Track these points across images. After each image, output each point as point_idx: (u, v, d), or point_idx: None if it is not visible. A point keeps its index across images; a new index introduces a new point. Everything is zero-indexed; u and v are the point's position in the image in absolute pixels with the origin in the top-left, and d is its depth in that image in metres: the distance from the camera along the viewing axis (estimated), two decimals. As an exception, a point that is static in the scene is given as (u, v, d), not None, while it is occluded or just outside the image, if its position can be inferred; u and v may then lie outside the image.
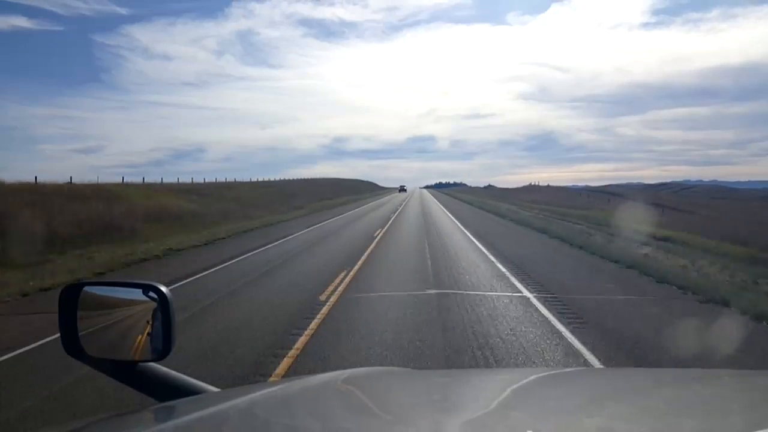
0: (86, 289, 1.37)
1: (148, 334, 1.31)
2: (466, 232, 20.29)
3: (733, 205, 56.40)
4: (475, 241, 17.00)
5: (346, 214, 33.35)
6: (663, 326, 6.61)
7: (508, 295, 8.67)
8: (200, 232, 19.24)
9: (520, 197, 62.28)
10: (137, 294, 1.35)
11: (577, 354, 5.67)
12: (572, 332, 6.42)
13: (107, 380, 1.40)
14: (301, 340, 6.05)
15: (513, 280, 10.03)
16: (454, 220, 27.61)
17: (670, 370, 1.68)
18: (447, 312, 7.39)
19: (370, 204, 49.29)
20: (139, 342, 1.31)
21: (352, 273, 10.61)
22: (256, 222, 24.85)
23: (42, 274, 10.50)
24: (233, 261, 12.92)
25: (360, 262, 12.07)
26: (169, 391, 1.26)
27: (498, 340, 6.10)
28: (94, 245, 14.66)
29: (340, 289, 9.05)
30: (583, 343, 6.00)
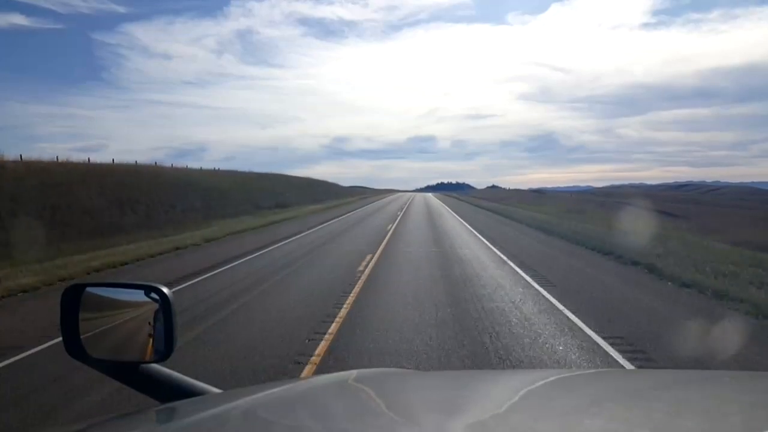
0: (88, 290, 1.37)
1: (150, 335, 1.32)
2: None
3: None
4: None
5: None
6: None
7: None
8: None
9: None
10: (139, 295, 1.36)
11: None
12: None
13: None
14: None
15: None
16: None
17: (672, 371, 1.68)
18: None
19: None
20: (142, 343, 1.32)
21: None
22: None
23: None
24: None
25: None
26: (171, 392, 1.26)
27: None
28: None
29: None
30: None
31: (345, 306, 8.07)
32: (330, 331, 6.70)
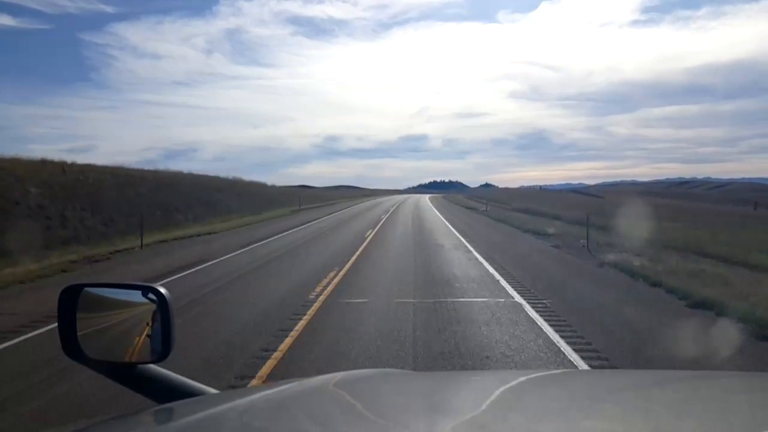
0: (86, 290, 1.37)
1: (147, 335, 1.31)
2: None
3: None
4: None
5: None
6: None
7: None
8: None
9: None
10: (136, 296, 1.35)
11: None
12: None
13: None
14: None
15: None
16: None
17: (668, 371, 1.68)
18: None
19: None
20: (139, 344, 1.31)
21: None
22: None
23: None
24: None
25: None
26: (168, 393, 1.26)
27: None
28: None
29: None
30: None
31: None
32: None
